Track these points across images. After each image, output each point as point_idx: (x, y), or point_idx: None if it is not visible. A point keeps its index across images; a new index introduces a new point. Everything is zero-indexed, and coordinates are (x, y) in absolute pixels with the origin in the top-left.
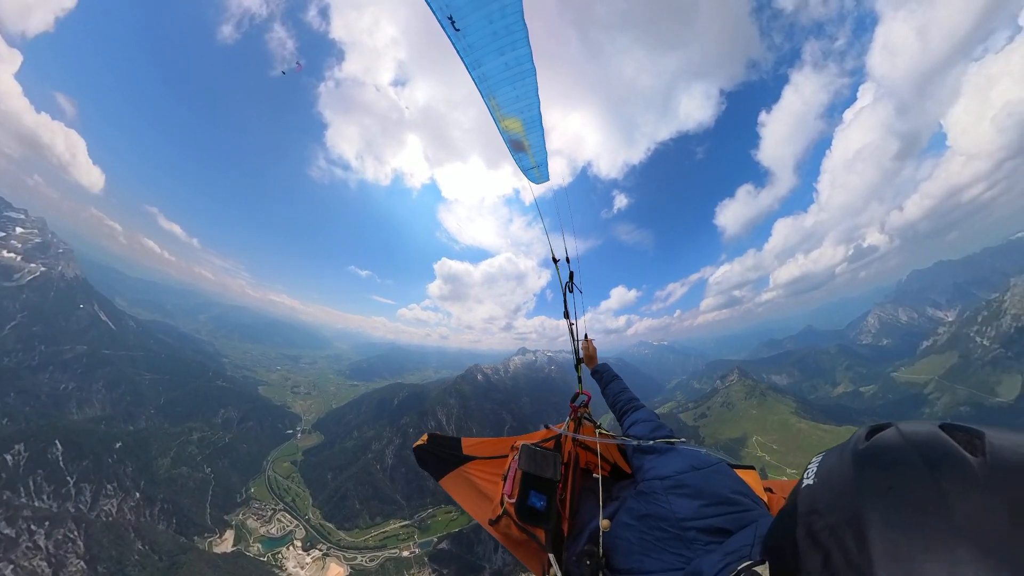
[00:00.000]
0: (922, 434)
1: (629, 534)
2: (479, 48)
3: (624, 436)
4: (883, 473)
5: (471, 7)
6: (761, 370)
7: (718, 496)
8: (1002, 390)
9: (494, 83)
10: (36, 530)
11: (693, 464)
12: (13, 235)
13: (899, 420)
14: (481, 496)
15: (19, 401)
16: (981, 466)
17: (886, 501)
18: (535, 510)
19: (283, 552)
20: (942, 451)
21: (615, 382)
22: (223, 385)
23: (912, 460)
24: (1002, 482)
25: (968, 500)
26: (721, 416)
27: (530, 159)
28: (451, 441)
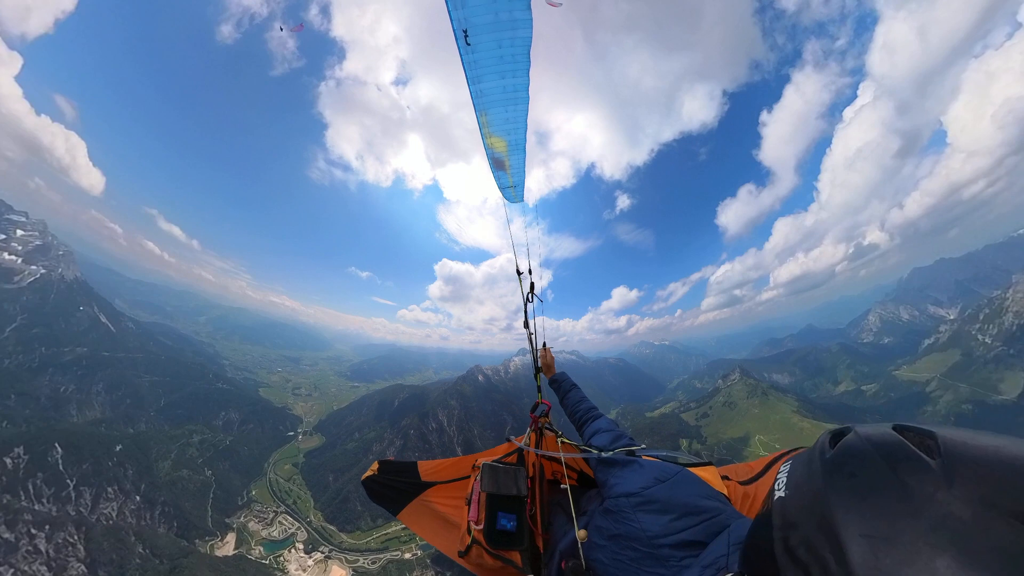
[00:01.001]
0: (882, 437)
1: (602, 555)
2: (483, 66)
3: (586, 447)
4: (852, 480)
5: (486, 28)
6: (762, 369)
7: (686, 507)
8: (1005, 388)
9: (489, 101)
10: (36, 534)
11: (657, 477)
12: (14, 237)
13: (856, 424)
14: (447, 525)
15: (19, 403)
16: (940, 467)
17: (859, 509)
18: (506, 532)
19: (285, 555)
20: (903, 454)
21: (574, 391)
22: (224, 387)
23: (877, 465)
24: (960, 482)
25: (935, 503)
26: (723, 415)
27: (508, 178)
28: (407, 467)
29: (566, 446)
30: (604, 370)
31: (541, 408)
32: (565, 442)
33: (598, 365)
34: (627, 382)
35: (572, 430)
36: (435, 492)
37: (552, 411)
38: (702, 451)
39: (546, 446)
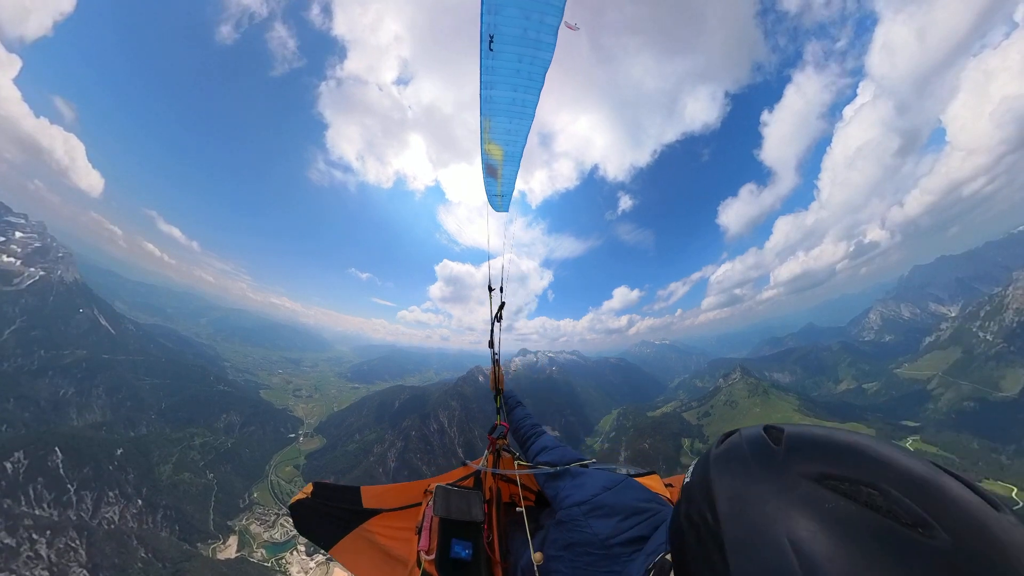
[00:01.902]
0: (751, 433)
1: (560, 566)
2: (499, 75)
3: (541, 465)
4: (727, 463)
5: (511, 40)
6: (763, 368)
7: (630, 508)
8: (1006, 385)
9: (496, 109)
10: (37, 539)
11: (604, 485)
12: (13, 239)
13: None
14: (389, 561)
15: (18, 407)
16: (781, 451)
17: (728, 481)
18: (460, 561)
19: (287, 557)
20: (760, 443)
21: (519, 408)
22: (224, 389)
23: (743, 451)
24: (791, 459)
25: (774, 473)
26: (725, 415)
27: (498, 187)
28: (346, 492)
29: (523, 467)
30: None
31: (499, 430)
32: (522, 463)
33: (599, 365)
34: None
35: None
36: (379, 522)
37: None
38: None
39: (503, 467)
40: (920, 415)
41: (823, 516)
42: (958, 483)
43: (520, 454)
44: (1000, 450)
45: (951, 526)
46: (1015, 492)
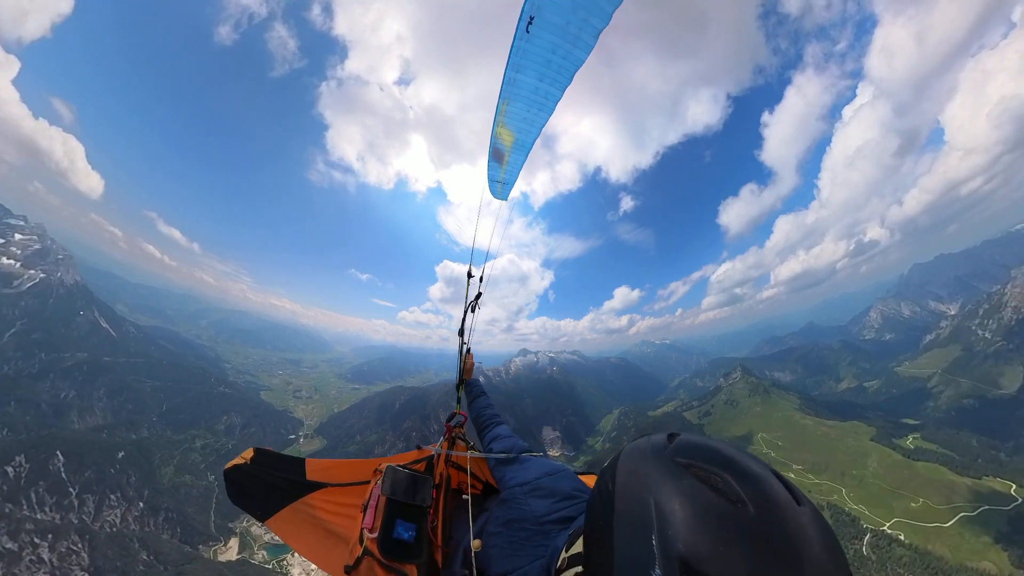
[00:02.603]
0: (655, 436)
1: (499, 540)
2: (529, 59)
3: (489, 451)
4: (632, 452)
5: (551, 28)
6: (764, 367)
7: (565, 493)
8: (1005, 382)
9: (517, 94)
10: (39, 543)
11: (546, 471)
12: (12, 242)
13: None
14: (330, 537)
15: (19, 410)
16: (668, 447)
17: (629, 464)
18: (402, 543)
19: (288, 559)
20: (659, 441)
21: (482, 398)
22: (225, 391)
23: (645, 445)
24: (671, 452)
25: (662, 463)
26: (726, 414)
27: (501, 173)
28: (289, 462)
29: (476, 452)
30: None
31: (457, 419)
32: (475, 454)
33: (600, 365)
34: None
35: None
36: (322, 496)
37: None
38: None
39: (456, 457)
40: (920, 413)
41: (679, 488)
42: (777, 480)
43: (474, 444)
44: (999, 447)
45: (758, 505)
46: (1014, 489)
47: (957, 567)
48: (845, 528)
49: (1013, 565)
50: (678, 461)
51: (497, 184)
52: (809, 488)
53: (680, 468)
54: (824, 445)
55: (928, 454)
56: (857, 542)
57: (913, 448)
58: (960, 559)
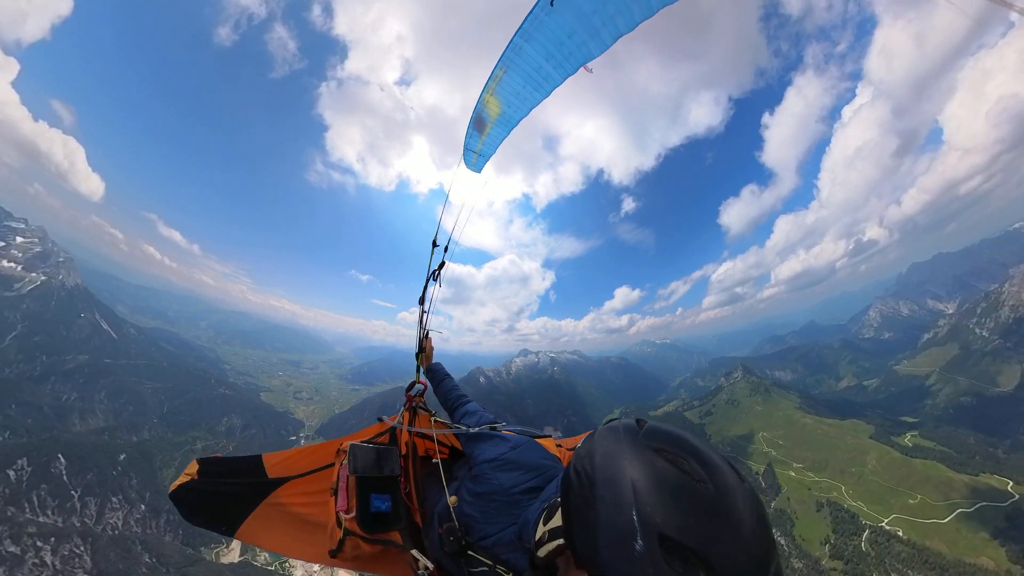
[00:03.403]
0: (626, 422)
1: (472, 510)
2: (542, 33)
3: (457, 425)
4: (606, 435)
5: (576, 12)
6: (765, 366)
7: (532, 464)
8: (1003, 380)
9: (518, 65)
10: (42, 546)
11: (512, 445)
12: (13, 244)
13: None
14: (307, 527)
15: (20, 413)
16: (639, 431)
17: (603, 445)
18: (381, 514)
19: (291, 560)
20: (630, 426)
21: (447, 380)
22: (225, 392)
23: (618, 428)
24: (643, 436)
25: (632, 445)
26: (727, 413)
27: (479, 144)
28: (245, 465)
29: (439, 424)
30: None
31: (417, 388)
32: (438, 421)
33: (600, 364)
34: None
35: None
36: (289, 490)
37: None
38: None
39: (419, 425)
40: (919, 411)
41: (654, 469)
42: (727, 464)
43: (436, 412)
44: (997, 444)
45: (715, 484)
46: (1011, 485)
47: (955, 562)
48: (844, 524)
49: (1010, 560)
50: (650, 445)
51: (472, 154)
52: (809, 485)
53: (652, 451)
54: (824, 443)
55: (926, 451)
56: (856, 538)
57: (911, 445)
58: (958, 554)
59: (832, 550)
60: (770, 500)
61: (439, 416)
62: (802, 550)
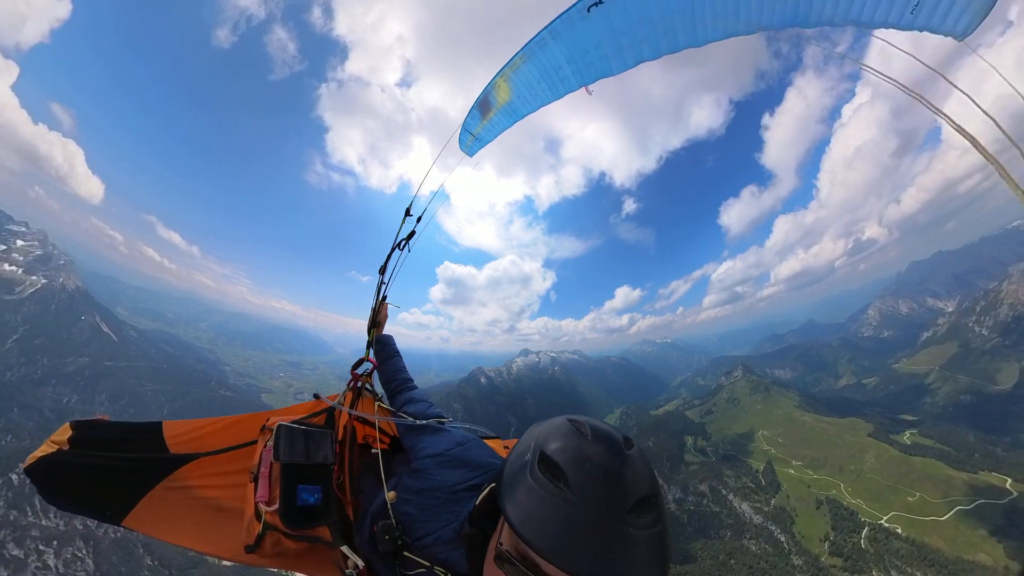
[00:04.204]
0: (553, 419)
1: (410, 508)
2: (571, 35)
3: (403, 415)
4: (538, 423)
5: (607, 26)
6: (765, 365)
7: (476, 462)
8: (1001, 378)
9: (538, 58)
10: (45, 550)
11: (458, 442)
12: (14, 248)
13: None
14: (218, 515)
15: (22, 417)
16: (582, 428)
17: (532, 429)
18: (309, 508)
19: None
20: (559, 423)
21: (396, 359)
22: (226, 394)
23: (543, 426)
24: (564, 417)
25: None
26: (727, 412)
27: (479, 128)
28: (139, 434)
29: (383, 410)
30: (607, 369)
31: (365, 367)
32: (382, 406)
33: (601, 364)
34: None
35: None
36: (197, 470)
37: None
38: (707, 448)
39: (362, 408)
40: (918, 409)
41: (556, 423)
42: (620, 435)
43: (383, 396)
44: (996, 442)
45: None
46: (1009, 483)
47: (953, 559)
48: (844, 522)
49: (1008, 557)
50: (565, 417)
51: (470, 136)
52: (808, 483)
53: (563, 419)
54: (823, 441)
55: (925, 449)
56: (855, 535)
57: (910, 443)
58: (956, 551)
59: (831, 547)
60: (770, 497)
61: (385, 401)
62: (801, 547)
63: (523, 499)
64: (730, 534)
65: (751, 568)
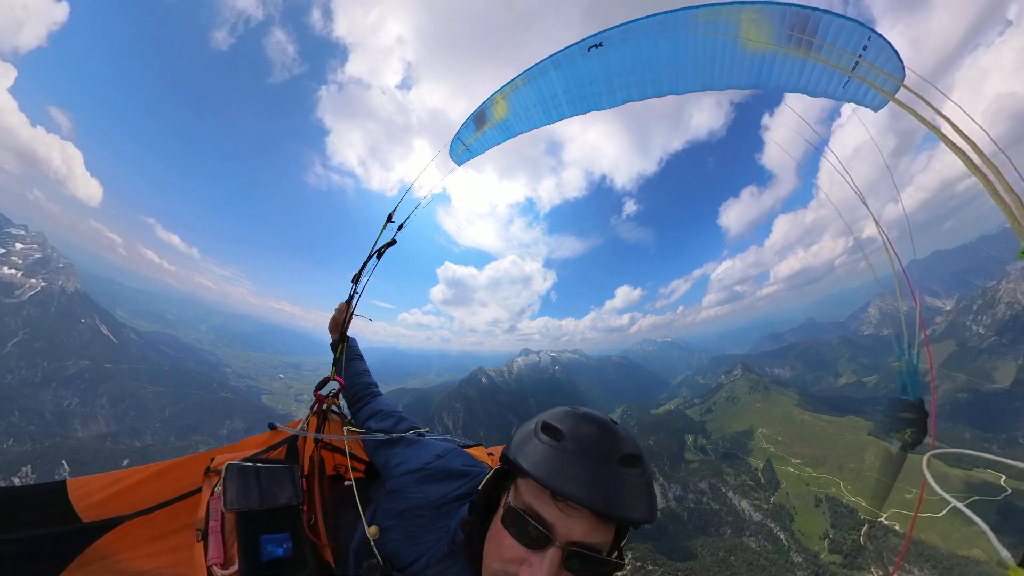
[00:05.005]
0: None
1: (394, 534)
2: (571, 69)
3: (378, 432)
4: (529, 423)
5: (603, 68)
6: (764, 364)
7: (459, 472)
8: (998, 376)
9: (538, 83)
10: None
11: (437, 454)
12: (13, 251)
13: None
14: None
15: (23, 420)
16: (575, 408)
17: (531, 420)
18: (278, 562)
19: None
20: (561, 407)
21: (357, 362)
22: (227, 396)
23: (554, 408)
24: (541, 416)
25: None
26: (727, 411)
27: (471, 139)
28: (34, 499)
29: (354, 433)
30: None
31: (331, 387)
32: (352, 429)
33: (601, 363)
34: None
35: None
36: (120, 538)
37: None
38: (707, 446)
39: (330, 432)
40: None
41: (554, 409)
42: (609, 420)
43: (352, 419)
44: (992, 440)
45: (586, 412)
46: (1004, 480)
47: (947, 555)
48: (843, 519)
49: None
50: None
51: (461, 145)
52: (808, 481)
53: (560, 407)
54: (823, 439)
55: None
56: (855, 532)
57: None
58: (951, 547)
59: (831, 544)
60: (769, 495)
61: (354, 424)
62: (801, 544)
63: (531, 452)
64: (730, 531)
65: (751, 565)
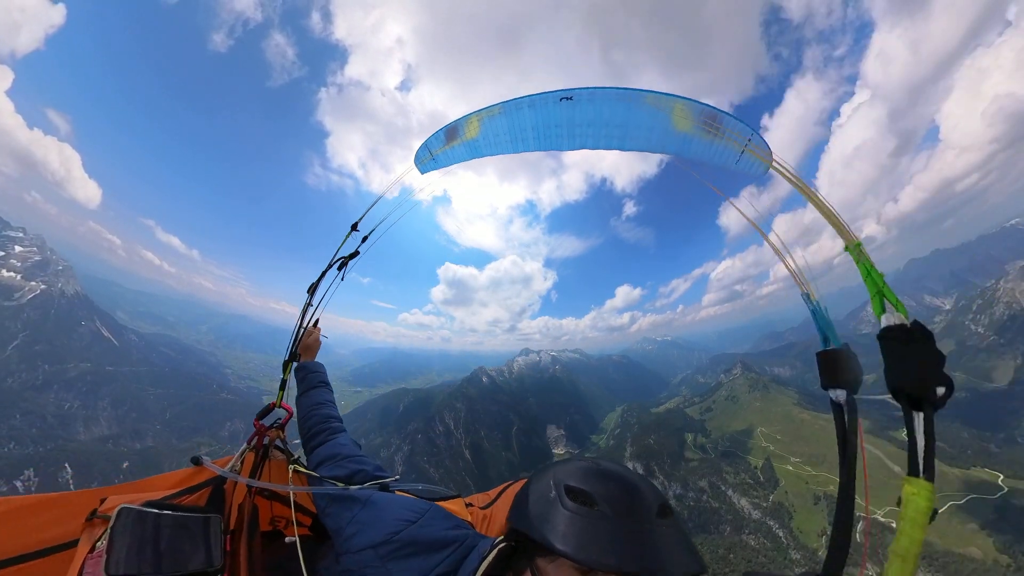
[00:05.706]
0: (549, 465)
1: None
2: (544, 112)
3: (333, 481)
4: (539, 478)
5: (571, 119)
6: (764, 363)
7: (438, 541)
8: (997, 375)
9: (512, 115)
10: None
11: (407, 519)
12: (12, 254)
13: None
14: None
15: (25, 423)
16: (583, 461)
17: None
18: None
19: None
20: (563, 463)
21: (319, 390)
22: (228, 397)
23: (558, 465)
24: (552, 465)
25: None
26: (726, 410)
27: (439, 150)
28: None
29: (301, 477)
30: (608, 367)
31: (275, 416)
32: (300, 471)
33: (602, 363)
34: (631, 379)
35: None
36: None
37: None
38: (707, 444)
39: (270, 476)
40: None
41: (568, 462)
42: (633, 473)
43: (300, 456)
44: (990, 439)
45: (607, 466)
46: (1001, 479)
47: (945, 552)
48: None
49: (998, 551)
50: (555, 461)
51: (428, 154)
52: (807, 479)
53: (559, 461)
54: (821, 438)
55: None
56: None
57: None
58: (948, 545)
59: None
60: (768, 493)
61: (302, 462)
62: (799, 542)
63: (567, 529)
64: (729, 529)
65: (750, 562)
